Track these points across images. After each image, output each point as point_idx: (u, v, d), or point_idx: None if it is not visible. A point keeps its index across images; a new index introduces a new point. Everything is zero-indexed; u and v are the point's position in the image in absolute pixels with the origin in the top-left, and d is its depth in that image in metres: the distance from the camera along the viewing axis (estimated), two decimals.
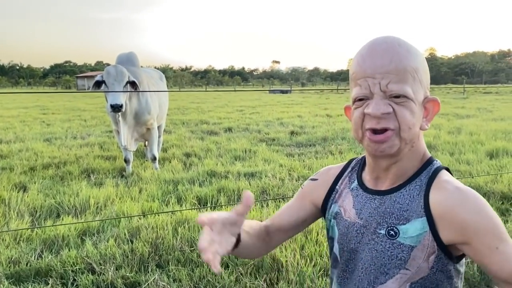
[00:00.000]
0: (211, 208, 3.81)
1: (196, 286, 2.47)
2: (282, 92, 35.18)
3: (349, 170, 1.07)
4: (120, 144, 5.18)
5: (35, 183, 4.58)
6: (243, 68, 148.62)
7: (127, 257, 2.75)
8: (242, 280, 2.47)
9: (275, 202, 3.83)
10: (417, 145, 0.92)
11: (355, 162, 1.07)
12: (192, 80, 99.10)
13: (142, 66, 6.10)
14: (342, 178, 1.06)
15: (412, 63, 0.87)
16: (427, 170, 0.92)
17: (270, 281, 2.48)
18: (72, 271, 2.58)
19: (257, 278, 2.48)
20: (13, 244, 2.98)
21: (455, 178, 0.93)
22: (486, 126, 8.83)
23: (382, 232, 0.92)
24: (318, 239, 2.92)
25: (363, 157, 1.05)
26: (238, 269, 2.56)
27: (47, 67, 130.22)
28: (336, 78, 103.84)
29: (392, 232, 0.91)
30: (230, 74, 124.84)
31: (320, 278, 2.48)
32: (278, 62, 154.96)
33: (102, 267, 2.60)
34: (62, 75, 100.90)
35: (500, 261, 0.81)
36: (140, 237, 3.01)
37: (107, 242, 2.95)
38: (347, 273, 1.00)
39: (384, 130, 0.87)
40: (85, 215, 3.64)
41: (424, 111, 0.92)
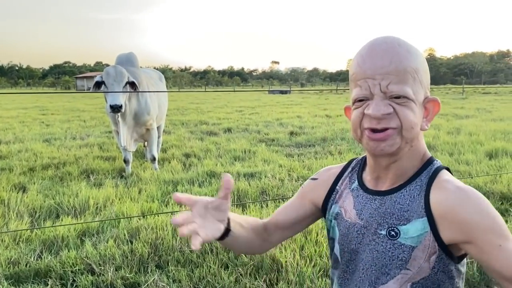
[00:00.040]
0: None
1: (195, 286, 2.46)
2: (282, 92, 35.19)
3: (349, 170, 1.06)
4: (119, 144, 5.17)
5: (35, 184, 4.58)
6: (243, 68, 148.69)
7: (127, 257, 2.74)
8: (241, 280, 2.47)
9: (275, 202, 3.83)
10: (417, 145, 0.92)
11: (355, 162, 1.07)
12: (191, 80, 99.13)
13: (141, 67, 6.10)
14: (343, 178, 1.06)
15: (412, 64, 0.87)
16: (428, 170, 0.92)
17: (270, 281, 2.48)
18: (71, 272, 2.58)
19: (256, 279, 2.48)
20: (12, 244, 2.98)
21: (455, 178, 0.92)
22: (485, 127, 8.83)
23: (383, 232, 0.92)
24: (318, 240, 2.92)
25: (364, 157, 1.05)
26: (238, 269, 2.56)
27: (47, 68, 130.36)
28: (335, 78, 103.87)
29: (392, 232, 0.91)
30: (230, 75, 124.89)
31: (320, 279, 2.47)
32: (277, 63, 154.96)
33: (102, 268, 2.60)
34: (62, 76, 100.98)
35: (503, 258, 0.81)
36: (139, 237, 3.01)
37: (107, 242, 2.94)
38: (348, 273, 1.00)
39: (384, 129, 0.87)
40: (84, 216, 3.63)
41: (424, 111, 0.91)
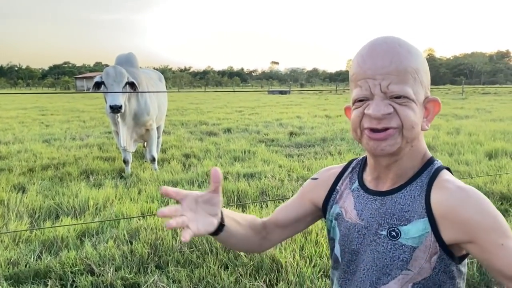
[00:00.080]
0: None
1: (195, 287, 2.46)
2: (281, 92, 35.22)
3: (349, 170, 1.06)
4: (119, 145, 5.17)
5: (34, 184, 4.57)
6: (242, 69, 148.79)
7: (127, 258, 2.74)
8: (241, 281, 2.47)
9: (275, 203, 3.83)
10: (417, 145, 0.92)
11: (356, 162, 1.07)
12: (191, 81, 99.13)
13: (141, 67, 6.10)
14: (343, 178, 1.06)
15: (412, 64, 0.86)
16: (428, 170, 0.92)
17: (270, 282, 2.48)
18: (71, 272, 2.58)
19: (256, 279, 2.48)
20: (12, 245, 2.97)
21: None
22: (485, 127, 8.83)
23: (384, 233, 0.92)
24: (318, 240, 2.92)
25: (364, 157, 1.04)
26: (238, 270, 2.56)
27: (46, 68, 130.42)
28: (335, 78, 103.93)
29: (393, 233, 0.90)
30: (229, 75, 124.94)
31: (319, 279, 2.47)
32: (277, 63, 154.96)
33: (102, 268, 2.60)
34: (61, 76, 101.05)
35: (504, 257, 0.80)
36: (139, 238, 3.00)
37: (107, 243, 2.94)
38: (349, 274, 0.99)
39: (385, 129, 0.86)
40: (84, 216, 3.63)
41: (424, 112, 0.91)
